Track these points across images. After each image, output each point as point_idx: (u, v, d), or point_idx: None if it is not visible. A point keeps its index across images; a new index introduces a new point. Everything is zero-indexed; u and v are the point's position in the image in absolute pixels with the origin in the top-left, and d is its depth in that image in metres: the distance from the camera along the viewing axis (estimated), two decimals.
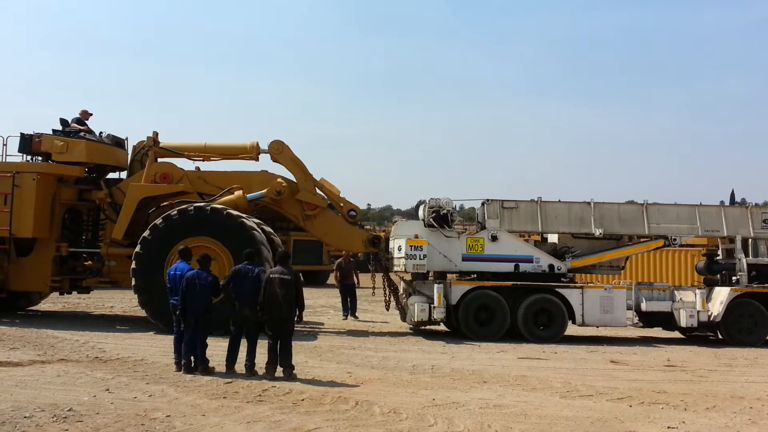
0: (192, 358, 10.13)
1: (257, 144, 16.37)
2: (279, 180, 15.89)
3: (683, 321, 15.22)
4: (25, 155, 16.19)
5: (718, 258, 16.84)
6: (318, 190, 16.27)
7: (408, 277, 16.16)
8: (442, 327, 16.53)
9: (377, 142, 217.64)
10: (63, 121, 16.60)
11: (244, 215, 14.76)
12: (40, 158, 16.22)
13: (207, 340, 10.30)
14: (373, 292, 16.68)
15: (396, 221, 16.79)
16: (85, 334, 13.61)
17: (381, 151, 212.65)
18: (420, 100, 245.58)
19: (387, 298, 16.50)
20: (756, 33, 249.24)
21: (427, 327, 16.40)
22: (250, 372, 9.95)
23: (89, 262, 16.34)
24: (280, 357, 9.95)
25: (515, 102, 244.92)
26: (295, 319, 10.26)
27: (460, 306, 14.99)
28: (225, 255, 14.25)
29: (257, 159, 16.57)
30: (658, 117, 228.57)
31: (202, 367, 10.03)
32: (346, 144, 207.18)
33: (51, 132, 16.23)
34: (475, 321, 15.00)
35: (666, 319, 15.78)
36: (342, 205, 16.47)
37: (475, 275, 15.62)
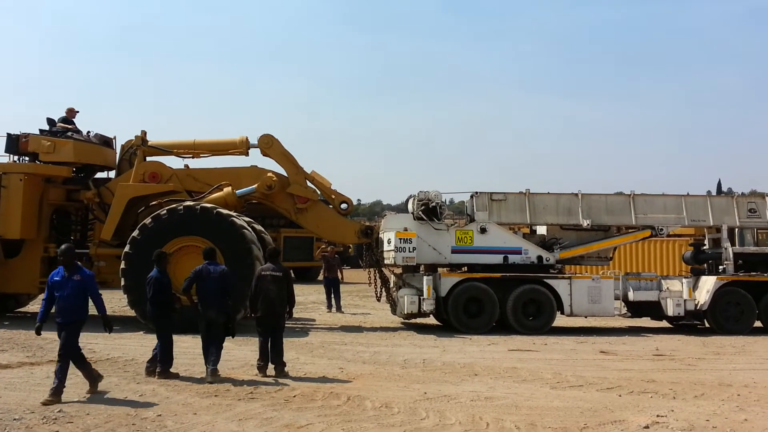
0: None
1: (246, 139, 16.30)
2: (269, 174, 15.85)
3: (670, 310, 15.37)
4: (11, 155, 16.06)
5: (704, 247, 17.02)
6: (309, 183, 16.26)
7: (399, 270, 16.20)
8: (433, 321, 16.61)
9: (367, 137, 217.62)
10: (50, 121, 16.49)
11: (234, 214, 14.72)
12: (27, 158, 16.08)
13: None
14: (369, 284, 16.74)
15: (385, 215, 16.81)
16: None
17: (371, 147, 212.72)
18: (410, 95, 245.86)
19: (378, 289, 16.55)
20: (746, 24, 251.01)
21: (419, 321, 16.46)
22: (214, 376, 9.33)
23: (78, 261, 16.23)
24: (272, 354, 9.95)
25: (506, 96, 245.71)
26: (286, 315, 10.26)
27: (450, 298, 15.06)
28: None
29: (247, 154, 16.52)
30: (647, 108, 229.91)
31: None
32: (335, 140, 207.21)
33: (38, 132, 16.13)
34: (465, 313, 15.08)
35: (654, 309, 15.94)
36: (333, 197, 16.46)
37: (466, 268, 15.68)
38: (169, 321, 9.89)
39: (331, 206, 16.45)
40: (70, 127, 16.46)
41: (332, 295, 19.42)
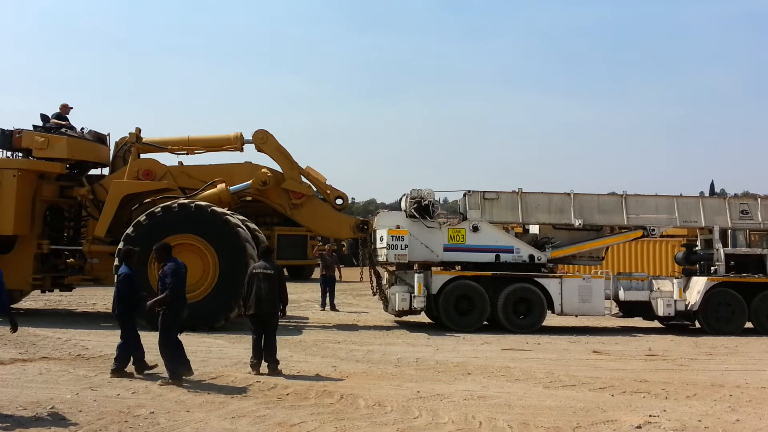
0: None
1: (241, 135, 16.29)
2: (264, 170, 15.83)
3: (660, 310, 15.45)
4: (4, 151, 16.01)
5: (696, 248, 17.08)
6: (304, 179, 16.25)
7: (392, 267, 16.22)
8: (426, 319, 16.63)
9: (361, 135, 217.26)
10: (43, 117, 16.45)
11: (228, 212, 14.70)
12: (20, 154, 16.03)
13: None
14: (361, 278, 16.73)
15: (378, 212, 16.84)
16: (67, 331, 13.51)
17: (365, 145, 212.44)
18: (405, 93, 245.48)
19: (373, 284, 16.54)
20: (740, 27, 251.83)
21: (412, 319, 16.50)
22: (183, 376, 9.05)
23: (71, 259, 16.22)
24: (265, 352, 9.91)
25: (498, 95, 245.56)
26: (279, 313, 10.24)
27: (441, 295, 15.11)
28: (209, 252, 14.18)
29: (242, 150, 16.52)
30: (640, 109, 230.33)
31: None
32: (329, 138, 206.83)
33: (31, 128, 16.07)
34: (455, 310, 15.13)
35: (645, 309, 16.01)
36: (329, 192, 16.46)
37: (460, 266, 15.69)
38: (134, 319, 9.68)
39: (326, 201, 16.45)
40: (63, 123, 16.42)
41: (327, 294, 19.43)
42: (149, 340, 12.50)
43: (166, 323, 9.19)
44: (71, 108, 16.91)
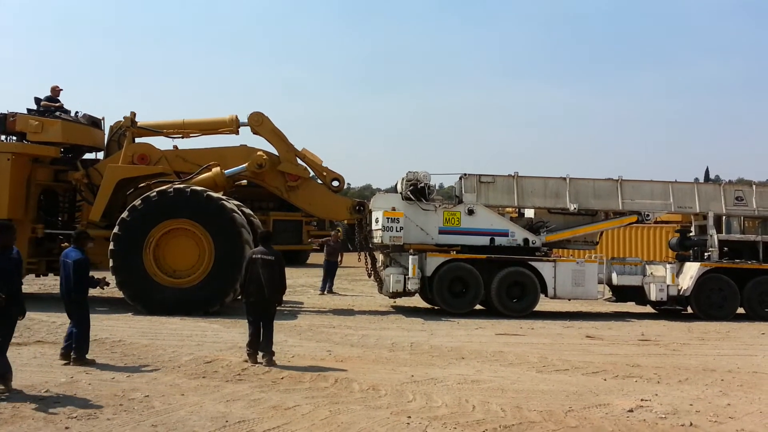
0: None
1: (236, 117, 16.20)
2: (259, 153, 15.77)
3: (653, 295, 15.53)
4: None
5: (690, 234, 17.14)
6: (300, 161, 16.20)
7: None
8: (421, 304, 16.66)
9: (358, 122, 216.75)
10: (37, 100, 16.35)
11: (224, 197, 14.66)
12: (14, 138, 15.94)
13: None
14: (359, 259, 16.72)
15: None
16: (61, 315, 13.29)
17: (362, 132, 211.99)
18: (401, 82, 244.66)
19: (368, 266, 16.51)
20: (735, 16, 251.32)
21: (407, 304, 16.52)
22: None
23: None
24: (261, 341, 9.54)
25: (493, 84, 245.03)
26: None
27: (435, 277, 15.14)
28: (205, 238, 14.16)
29: (237, 132, 16.43)
30: (635, 97, 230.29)
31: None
32: (326, 124, 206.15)
33: (25, 111, 15.98)
34: (449, 292, 15.18)
35: (638, 294, 16.09)
36: (325, 174, 16.41)
37: (460, 248, 15.64)
38: (87, 304, 9.38)
39: (322, 184, 16.43)
40: (56, 105, 16.32)
41: (328, 278, 19.52)
42: (143, 324, 12.61)
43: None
44: (61, 89, 16.78)
